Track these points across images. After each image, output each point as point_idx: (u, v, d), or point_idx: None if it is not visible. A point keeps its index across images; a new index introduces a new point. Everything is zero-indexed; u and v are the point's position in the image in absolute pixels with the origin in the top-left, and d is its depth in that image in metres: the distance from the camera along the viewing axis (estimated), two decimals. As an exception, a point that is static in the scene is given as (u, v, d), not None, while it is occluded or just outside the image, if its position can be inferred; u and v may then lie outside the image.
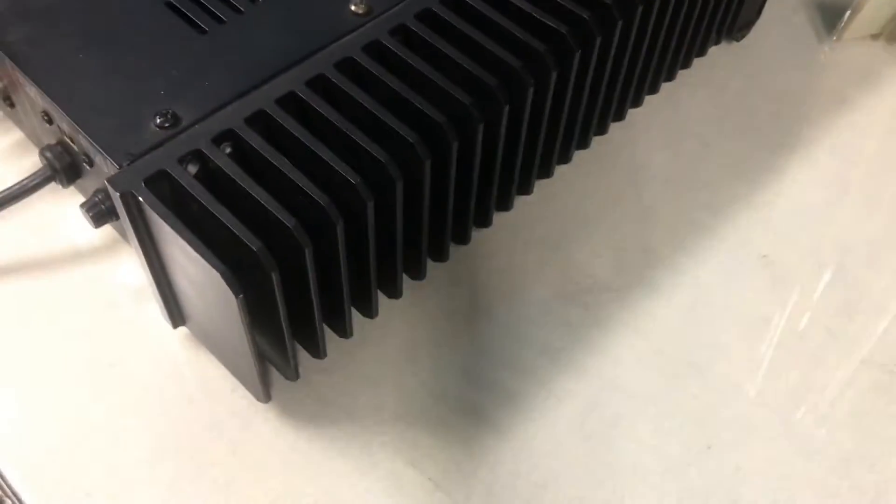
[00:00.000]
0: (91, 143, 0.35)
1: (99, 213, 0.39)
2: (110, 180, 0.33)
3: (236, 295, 0.30)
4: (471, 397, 0.40)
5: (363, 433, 0.39)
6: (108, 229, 0.44)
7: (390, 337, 0.42)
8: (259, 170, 0.34)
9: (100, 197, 0.39)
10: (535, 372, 0.41)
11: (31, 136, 0.45)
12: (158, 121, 0.34)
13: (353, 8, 0.39)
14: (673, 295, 0.44)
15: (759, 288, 0.45)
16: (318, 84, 0.36)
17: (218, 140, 0.34)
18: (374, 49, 0.37)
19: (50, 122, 0.39)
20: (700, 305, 0.44)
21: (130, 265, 0.43)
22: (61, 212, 0.45)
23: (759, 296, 0.44)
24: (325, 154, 0.34)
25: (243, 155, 0.34)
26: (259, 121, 0.35)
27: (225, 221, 0.31)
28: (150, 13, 0.39)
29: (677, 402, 0.41)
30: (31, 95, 0.39)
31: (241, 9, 0.39)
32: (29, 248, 0.44)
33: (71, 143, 0.39)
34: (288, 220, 0.32)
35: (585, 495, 0.38)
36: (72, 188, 0.41)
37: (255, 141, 0.34)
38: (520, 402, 0.40)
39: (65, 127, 0.38)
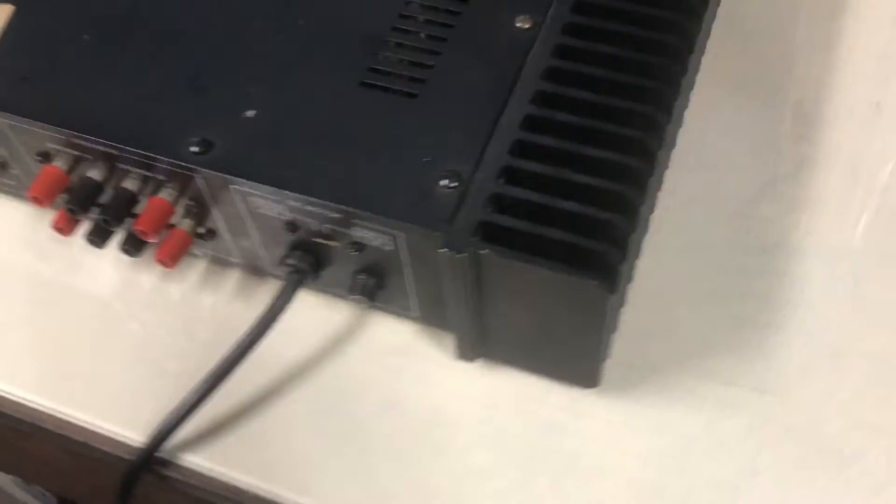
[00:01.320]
0: (391, 227, 0.37)
1: (370, 291, 0.42)
2: (450, 246, 0.35)
3: (612, 293, 0.34)
4: (740, 313, 0.45)
5: (676, 376, 0.43)
6: (322, 310, 0.46)
7: (645, 290, 0.45)
8: (543, 190, 0.37)
9: (361, 277, 0.42)
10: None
11: (231, 253, 0.46)
12: (445, 182, 0.37)
13: (518, 25, 0.42)
14: (834, 163, 0.50)
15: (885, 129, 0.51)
16: (540, 98, 0.40)
17: (500, 177, 0.37)
18: (561, 51, 0.41)
19: (294, 229, 0.41)
20: (857, 156, 0.50)
21: (379, 326, 0.46)
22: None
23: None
24: (593, 153, 0.37)
25: (520, 183, 0.38)
26: (519, 148, 0.38)
27: (566, 238, 0.35)
28: (352, 98, 0.41)
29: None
30: (274, 212, 0.40)
31: (430, 63, 0.41)
32: (290, 352, 0.45)
33: (323, 242, 0.41)
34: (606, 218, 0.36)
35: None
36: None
37: (533, 166, 0.37)
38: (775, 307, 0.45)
39: (325, 227, 0.40)
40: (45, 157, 0.44)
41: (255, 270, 0.47)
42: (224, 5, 0.45)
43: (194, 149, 0.39)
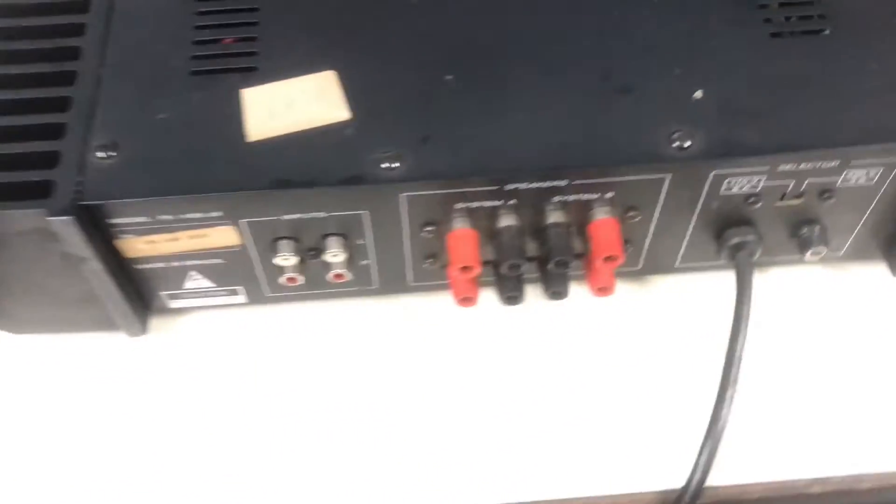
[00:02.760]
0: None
1: (826, 239, 0.41)
2: None
3: None
4: None
5: None
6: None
7: None
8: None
9: (807, 231, 0.41)
10: None
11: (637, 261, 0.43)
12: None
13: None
14: None
15: None
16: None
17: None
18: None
19: (755, 201, 0.39)
20: None
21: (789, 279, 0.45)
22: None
23: None
24: None
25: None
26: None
27: None
28: (775, 51, 0.40)
29: None
30: (746, 188, 0.38)
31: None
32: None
33: (784, 204, 0.39)
34: None
35: None
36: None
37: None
38: None
39: (806, 183, 0.38)
40: (434, 224, 0.39)
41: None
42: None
43: (678, 143, 0.36)
